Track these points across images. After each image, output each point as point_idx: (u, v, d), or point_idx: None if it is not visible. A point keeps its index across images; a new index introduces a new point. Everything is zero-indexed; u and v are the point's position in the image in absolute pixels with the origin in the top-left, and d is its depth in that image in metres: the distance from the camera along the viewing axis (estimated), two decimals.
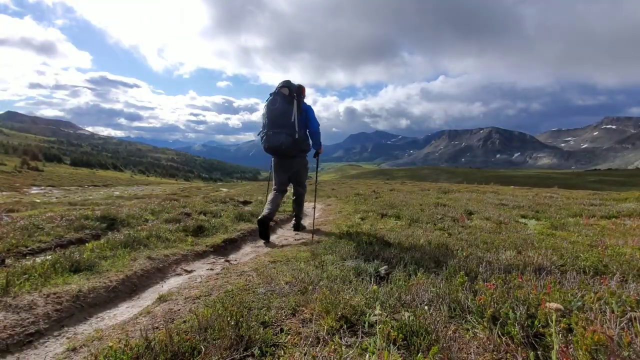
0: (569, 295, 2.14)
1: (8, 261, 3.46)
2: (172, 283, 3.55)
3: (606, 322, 1.72)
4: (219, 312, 2.18)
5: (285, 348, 1.88)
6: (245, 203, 9.50)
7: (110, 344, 1.84)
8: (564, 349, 1.54)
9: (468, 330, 2.06)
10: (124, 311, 2.86)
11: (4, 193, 19.72)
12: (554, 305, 1.55)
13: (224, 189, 22.86)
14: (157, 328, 2.24)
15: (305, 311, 2.30)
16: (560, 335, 1.66)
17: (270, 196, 5.34)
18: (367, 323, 2.10)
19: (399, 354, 1.75)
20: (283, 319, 2.25)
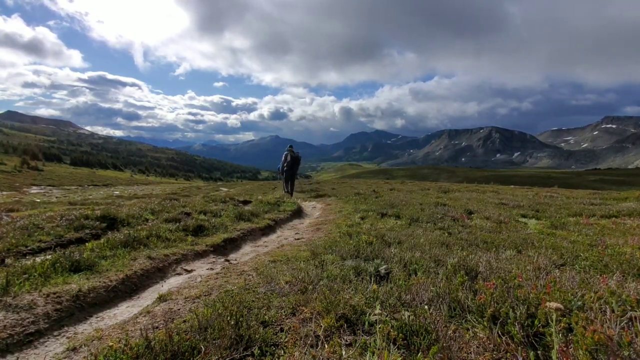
0: (569, 294, 2.14)
1: (8, 261, 3.46)
2: (172, 283, 3.56)
3: (606, 322, 1.72)
4: (219, 311, 2.18)
5: (285, 348, 1.88)
6: (245, 203, 9.50)
7: (110, 344, 1.84)
8: (564, 349, 1.54)
9: (468, 329, 2.06)
10: (124, 311, 2.86)
11: (4, 192, 19.71)
12: (554, 304, 1.55)
13: (224, 189, 22.85)
14: (157, 328, 2.24)
15: (305, 311, 2.30)
16: (560, 334, 1.66)
17: (284, 182, 13.81)
18: (367, 322, 2.10)
19: (399, 353, 1.75)
20: (283, 319, 2.25)
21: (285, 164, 12.98)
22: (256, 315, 2.23)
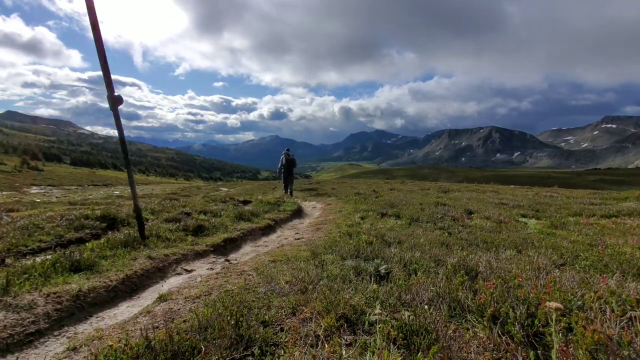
0: (569, 294, 2.14)
1: (8, 261, 3.46)
2: (172, 282, 3.56)
3: (606, 322, 1.72)
4: (219, 311, 2.18)
5: (285, 347, 1.88)
6: (245, 202, 9.50)
7: (111, 344, 1.84)
8: (564, 348, 1.54)
9: (468, 329, 2.06)
10: (124, 310, 2.86)
11: (4, 192, 19.72)
12: (554, 304, 1.55)
13: (224, 189, 22.87)
14: (157, 327, 2.24)
15: (306, 310, 2.30)
16: (560, 334, 1.66)
17: (284, 184, 14.96)
18: (367, 322, 2.10)
19: (399, 353, 1.75)
20: (283, 319, 2.25)
21: (281, 167, 14.62)
22: (256, 315, 2.23)
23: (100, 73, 3.36)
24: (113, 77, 3.33)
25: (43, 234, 4.44)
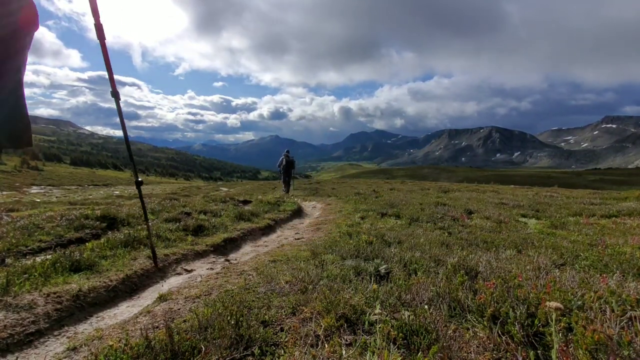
0: (569, 294, 2.14)
1: (8, 260, 3.46)
2: (172, 282, 3.56)
3: (606, 321, 1.72)
4: (219, 311, 2.18)
5: (285, 347, 1.88)
6: (245, 202, 9.50)
7: (111, 343, 1.84)
8: (564, 348, 1.54)
9: (468, 329, 2.06)
10: (124, 310, 2.87)
11: (4, 192, 19.72)
12: (554, 304, 1.55)
13: (224, 189, 22.87)
14: (157, 327, 2.24)
15: (306, 310, 2.30)
16: (560, 334, 1.66)
17: (283, 184, 16.28)
18: (367, 322, 2.10)
19: (398, 353, 1.75)
20: (283, 318, 2.25)
21: (281, 167, 15.90)
22: (256, 315, 2.23)
23: (100, 73, 3.40)
24: (114, 77, 3.31)
25: (43, 234, 4.44)
